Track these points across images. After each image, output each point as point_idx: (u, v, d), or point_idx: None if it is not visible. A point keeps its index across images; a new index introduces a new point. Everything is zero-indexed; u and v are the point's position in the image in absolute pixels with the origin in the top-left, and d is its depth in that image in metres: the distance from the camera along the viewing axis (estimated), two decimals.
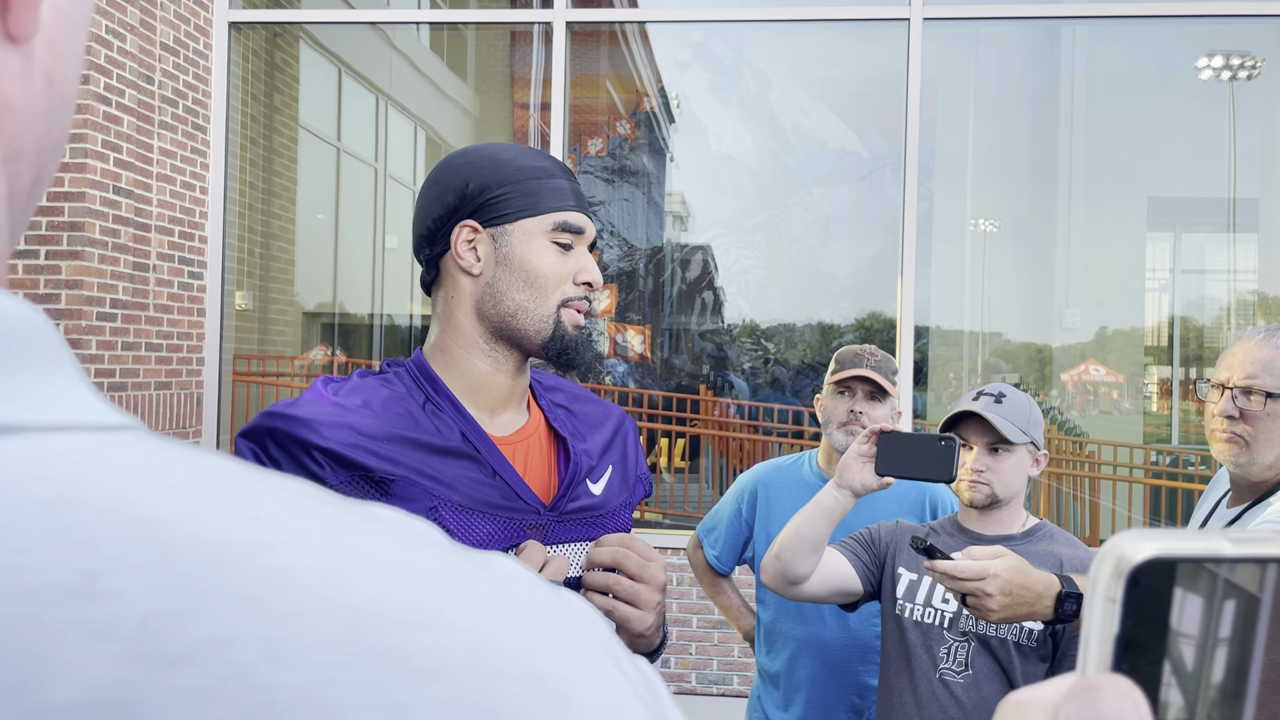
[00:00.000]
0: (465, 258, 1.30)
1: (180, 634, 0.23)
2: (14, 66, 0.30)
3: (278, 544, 0.26)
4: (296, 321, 5.89)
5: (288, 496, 0.28)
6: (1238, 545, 0.31)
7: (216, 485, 0.27)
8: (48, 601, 0.23)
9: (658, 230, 5.91)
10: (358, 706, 0.24)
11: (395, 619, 0.26)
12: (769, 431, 5.58)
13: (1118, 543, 0.31)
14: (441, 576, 0.28)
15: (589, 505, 1.33)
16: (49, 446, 0.26)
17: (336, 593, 0.25)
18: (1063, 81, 5.59)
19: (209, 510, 0.26)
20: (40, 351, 0.28)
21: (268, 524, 0.26)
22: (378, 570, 0.26)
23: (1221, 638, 0.31)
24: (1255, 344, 1.81)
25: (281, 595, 0.25)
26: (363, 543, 0.27)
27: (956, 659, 1.93)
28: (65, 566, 0.23)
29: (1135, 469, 5.54)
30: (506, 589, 0.29)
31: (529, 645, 0.27)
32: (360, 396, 1.24)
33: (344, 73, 6.08)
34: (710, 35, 5.62)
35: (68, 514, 0.24)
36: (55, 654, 0.22)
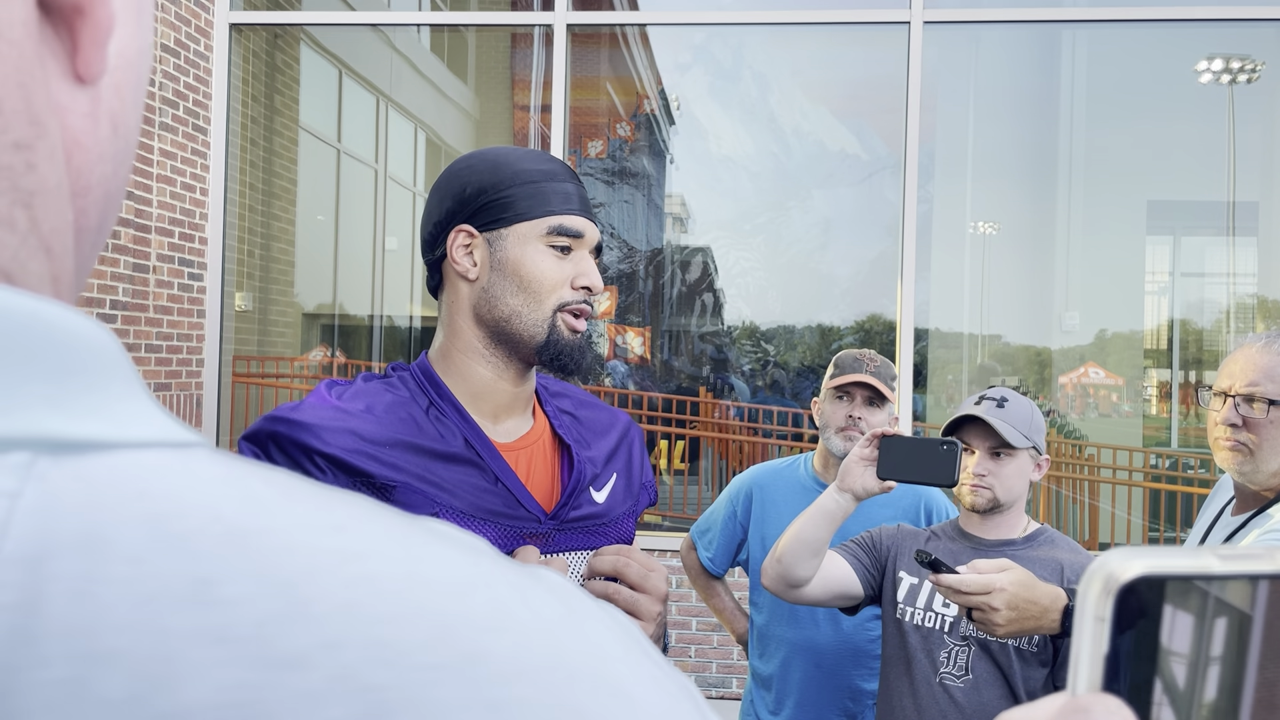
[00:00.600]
0: (461, 263, 1.29)
1: (293, 637, 0.24)
2: (82, 106, 0.31)
3: (363, 554, 0.27)
4: (296, 323, 5.89)
5: (360, 509, 0.29)
6: (1227, 562, 0.31)
7: (296, 498, 0.28)
8: (167, 608, 0.24)
9: (658, 232, 5.92)
10: (461, 706, 0.25)
11: (478, 624, 0.27)
12: (768, 434, 5.58)
13: (1106, 561, 0.31)
14: (507, 585, 0.29)
15: (591, 514, 1.32)
16: (142, 463, 0.27)
17: (424, 599, 0.27)
18: (1062, 85, 5.60)
19: (295, 522, 0.27)
20: (116, 369, 0.29)
21: (350, 534, 0.27)
22: (454, 579, 0.28)
23: (1214, 655, 0.31)
24: (1257, 351, 1.81)
25: (375, 602, 0.26)
26: (434, 554, 0.28)
27: (957, 663, 1.93)
28: (179, 575, 0.24)
29: (1135, 472, 5.54)
30: (562, 597, 0.30)
31: (593, 649, 0.29)
32: (363, 401, 1.23)
33: (344, 74, 6.08)
34: (711, 38, 5.63)
35: (173, 525, 0.25)
36: (181, 658, 0.23)
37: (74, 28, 0.31)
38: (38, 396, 0.26)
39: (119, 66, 0.33)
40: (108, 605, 0.24)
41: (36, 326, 0.26)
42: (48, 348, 0.27)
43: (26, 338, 0.26)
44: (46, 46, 0.30)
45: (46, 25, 0.30)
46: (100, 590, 0.24)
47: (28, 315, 0.26)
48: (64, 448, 0.26)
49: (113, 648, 0.23)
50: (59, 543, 0.24)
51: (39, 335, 0.26)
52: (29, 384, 0.26)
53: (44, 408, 0.26)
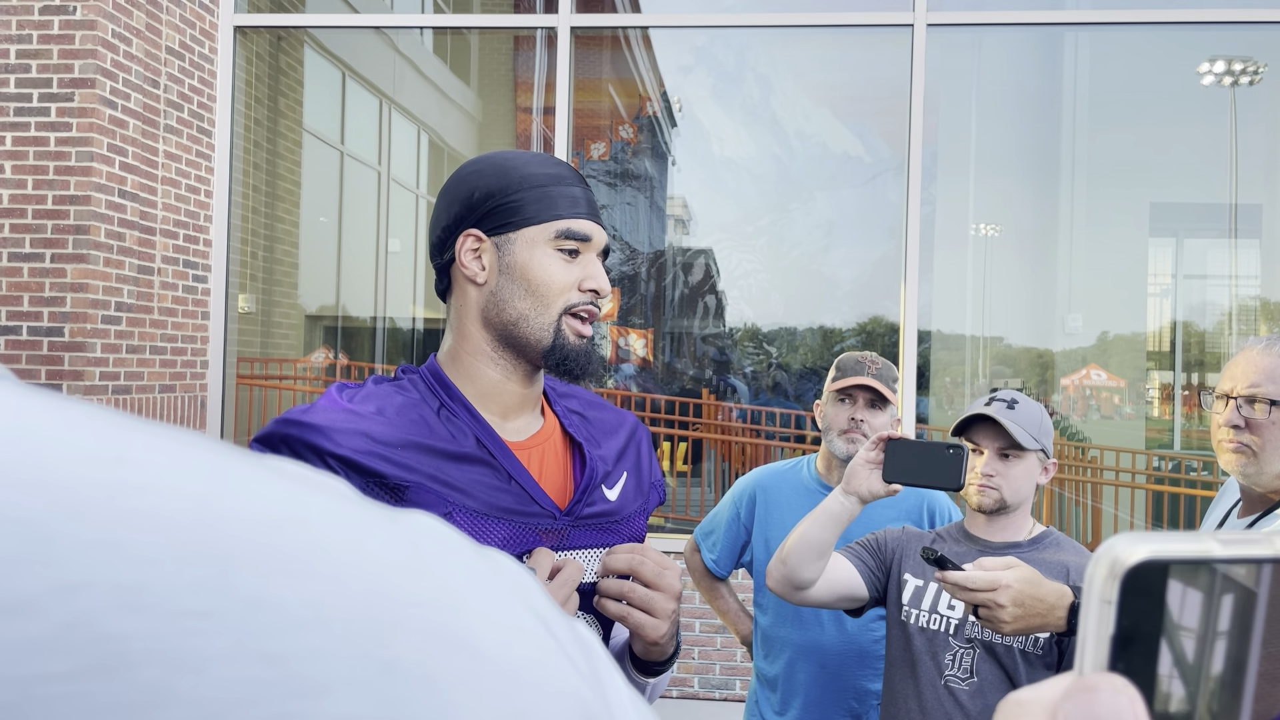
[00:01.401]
0: (470, 266, 1.30)
1: (18, 580, 0.22)
2: None
3: (144, 487, 0.24)
4: (299, 324, 5.89)
5: (167, 442, 0.26)
6: (1228, 547, 0.32)
7: (79, 429, 0.25)
8: None
9: (660, 234, 5.92)
10: (224, 658, 0.22)
11: (275, 566, 0.24)
12: (771, 435, 5.58)
13: (1112, 545, 0.32)
14: (337, 525, 0.26)
15: (605, 511, 1.33)
16: None
17: (208, 538, 0.24)
18: (1065, 87, 5.60)
19: (66, 454, 0.24)
20: None
21: (134, 467, 0.24)
22: (260, 516, 0.25)
23: (1219, 632, 0.31)
24: (1257, 353, 1.82)
25: (142, 540, 0.23)
26: (246, 488, 0.26)
27: (962, 666, 1.93)
28: None
29: (1137, 474, 5.54)
30: (413, 541, 0.27)
31: (433, 597, 0.26)
32: (375, 403, 1.24)
33: (348, 77, 6.09)
34: (713, 40, 5.63)
35: None
36: None
37: None
38: None
39: None
40: None
41: None
42: None
43: None
44: None
45: None
46: None
47: None
48: None
49: None
50: None
51: None
52: None
53: None
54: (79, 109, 4.33)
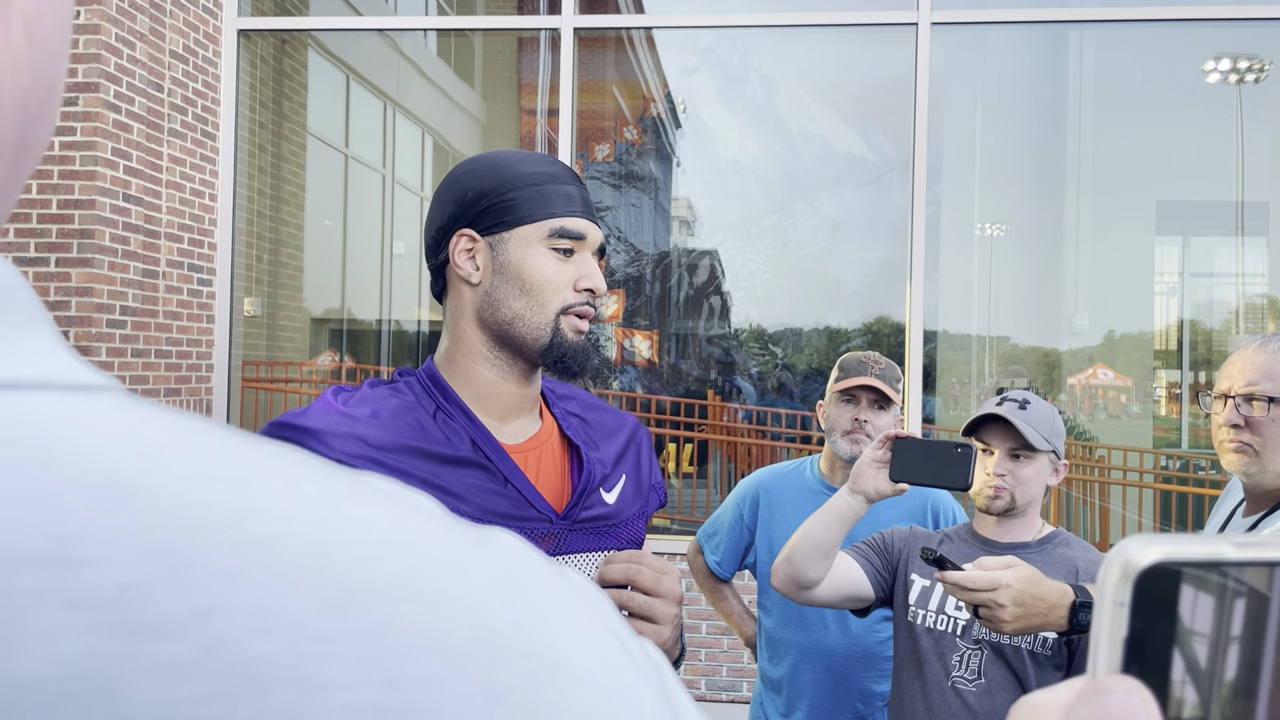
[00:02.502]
0: (464, 267, 1.29)
1: (160, 604, 0.22)
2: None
3: (263, 511, 0.24)
4: (305, 327, 5.90)
5: (276, 462, 0.26)
6: (1240, 549, 0.32)
7: (199, 448, 0.25)
8: (15, 567, 0.22)
9: (665, 235, 5.91)
10: (350, 683, 0.23)
11: (387, 592, 0.25)
12: (776, 436, 5.57)
13: (1124, 547, 0.32)
14: (436, 549, 0.27)
15: (602, 514, 1.32)
16: (20, 406, 0.24)
17: (326, 565, 0.24)
18: (1070, 85, 5.58)
19: (190, 474, 0.24)
20: (12, 305, 0.26)
21: (253, 489, 0.25)
22: (368, 542, 0.25)
23: (1232, 635, 0.32)
24: (1253, 351, 1.81)
25: (268, 565, 0.23)
26: (353, 513, 0.26)
27: (969, 667, 1.92)
28: (36, 531, 0.22)
29: (1145, 474, 5.52)
30: (505, 564, 0.28)
31: (530, 621, 0.27)
32: (369, 406, 1.23)
33: (352, 79, 6.09)
34: (717, 40, 5.63)
35: (41, 477, 0.23)
36: (24, 623, 0.21)
37: None
38: None
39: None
40: None
41: None
42: None
43: None
44: None
45: None
46: None
47: None
48: None
49: None
50: None
51: None
52: None
53: None
54: (83, 113, 4.33)
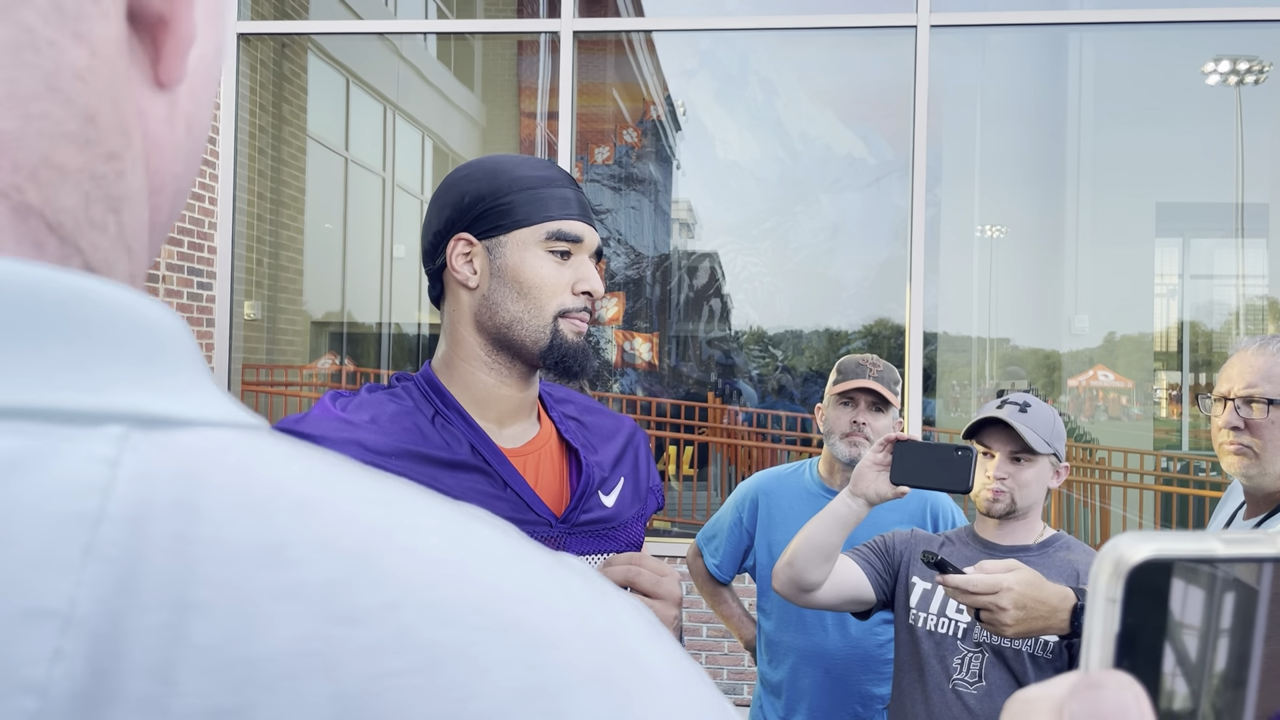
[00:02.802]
0: (461, 271, 1.29)
1: (356, 596, 0.27)
2: (161, 110, 0.34)
3: (410, 526, 0.30)
4: (305, 331, 5.90)
5: (404, 488, 0.32)
6: (1229, 546, 0.32)
7: (350, 475, 0.31)
8: (248, 567, 0.27)
9: (665, 238, 5.92)
10: (503, 663, 0.28)
11: (515, 594, 0.30)
12: (777, 439, 5.57)
13: (1116, 544, 0.33)
14: (538, 563, 0.31)
15: (601, 517, 1.32)
16: (216, 439, 0.29)
17: (468, 569, 0.29)
18: (1070, 87, 5.59)
19: (352, 495, 0.30)
20: (189, 356, 0.32)
21: (398, 509, 0.30)
22: (491, 553, 0.30)
23: (1222, 630, 0.32)
24: (1252, 354, 1.82)
25: (426, 568, 0.29)
26: (472, 530, 0.31)
27: (970, 670, 1.92)
28: (256, 539, 0.27)
29: (1145, 475, 5.52)
30: (584, 578, 0.33)
31: (617, 626, 0.31)
32: (368, 412, 1.23)
33: (352, 83, 6.09)
34: (717, 43, 5.63)
35: (248, 495, 0.28)
36: (261, 611, 0.26)
37: (158, 37, 0.33)
38: (127, 377, 0.29)
39: (196, 71, 0.35)
40: (197, 562, 0.26)
41: (126, 315, 0.29)
42: (135, 334, 0.29)
43: (118, 325, 0.29)
44: (132, 56, 0.32)
45: (133, 36, 0.32)
46: (190, 549, 0.26)
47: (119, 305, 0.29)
48: (151, 423, 0.28)
49: (203, 599, 0.26)
50: (155, 506, 0.27)
51: (128, 323, 0.29)
52: (120, 365, 0.29)
53: (133, 387, 0.29)
54: None
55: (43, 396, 0.27)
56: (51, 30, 0.29)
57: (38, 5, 0.29)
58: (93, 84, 0.30)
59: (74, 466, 0.26)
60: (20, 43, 0.28)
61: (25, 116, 0.29)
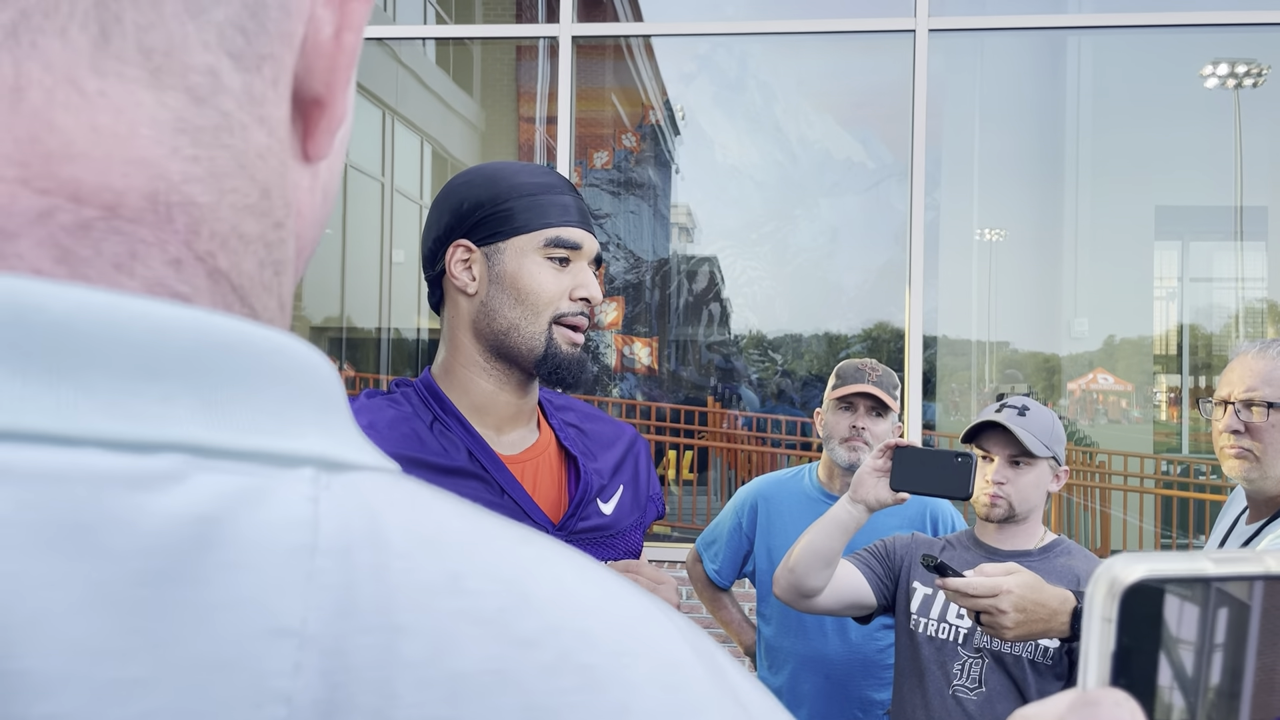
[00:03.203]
0: (460, 277, 1.29)
1: (525, 621, 0.29)
2: (306, 181, 0.37)
3: (546, 560, 0.32)
4: (304, 336, 5.89)
5: (519, 526, 0.34)
6: (1220, 565, 0.34)
7: (487, 516, 0.33)
8: (435, 594, 0.29)
9: (664, 242, 5.92)
10: (644, 685, 0.30)
11: (637, 621, 0.32)
12: (777, 443, 5.57)
13: (1110, 565, 0.34)
14: (632, 588, 0.34)
15: (599, 525, 1.32)
16: (380, 481, 0.32)
17: (599, 599, 0.32)
18: (1068, 91, 5.59)
19: (496, 533, 0.32)
20: (344, 404, 0.34)
21: (530, 545, 0.32)
22: (605, 582, 0.33)
23: (1216, 644, 0.34)
24: (1252, 357, 1.82)
25: (571, 598, 0.31)
26: (582, 562, 0.34)
27: (970, 675, 1.91)
28: (437, 569, 0.29)
29: (1146, 479, 5.52)
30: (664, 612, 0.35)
31: (701, 659, 0.33)
32: (366, 417, 1.23)
33: None
34: (715, 48, 5.63)
35: (421, 530, 0.30)
36: (453, 633, 0.28)
37: (310, 116, 0.36)
38: (311, 423, 0.32)
39: (337, 147, 0.38)
40: (396, 589, 0.29)
41: (308, 368, 0.32)
42: (315, 385, 0.32)
43: (305, 377, 0.32)
44: (292, 134, 0.35)
45: (293, 114, 0.35)
46: (389, 578, 0.29)
47: (303, 359, 0.32)
48: (333, 466, 0.31)
49: (406, 622, 0.28)
50: (355, 539, 0.29)
51: (310, 375, 0.32)
52: (305, 412, 0.32)
53: (316, 432, 0.31)
54: None
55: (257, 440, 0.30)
56: (244, 114, 0.32)
57: (233, 91, 0.32)
58: (270, 161, 0.34)
59: (288, 503, 0.29)
60: (219, 126, 0.32)
61: (220, 191, 0.32)
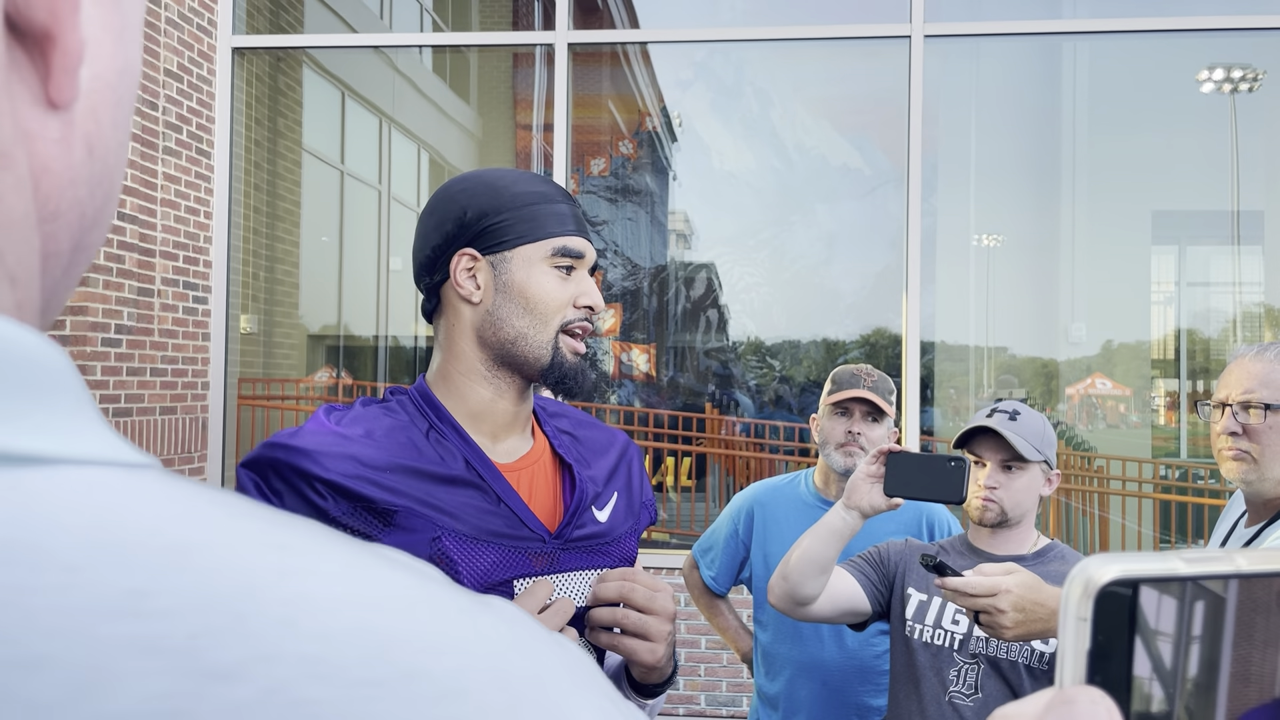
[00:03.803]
0: (465, 286, 1.29)
1: (226, 650, 0.25)
2: (53, 131, 0.32)
3: (305, 571, 0.28)
4: (301, 344, 5.89)
5: (308, 531, 0.30)
6: (1192, 565, 0.34)
7: (242, 516, 0.29)
8: (100, 617, 0.24)
9: (661, 249, 5.92)
10: None
11: (420, 643, 0.27)
12: (775, 449, 5.57)
13: (1085, 566, 0.34)
14: (453, 607, 0.29)
15: (595, 532, 1.32)
16: (84, 478, 0.27)
17: (362, 617, 0.27)
18: (1064, 96, 5.60)
19: (238, 539, 0.28)
20: (66, 388, 0.29)
21: (294, 553, 0.28)
22: (396, 598, 0.28)
23: (1193, 638, 0.34)
24: (1249, 360, 1.83)
25: (312, 618, 0.26)
26: (377, 575, 0.29)
27: (966, 681, 1.91)
28: (113, 585, 0.25)
29: (1144, 483, 5.51)
30: (511, 624, 0.31)
31: (542, 674, 0.29)
32: (362, 426, 1.23)
33: (347, 96, 6.10)
34: (712, 54, 5.64)
35: (110, 537, 0.26)
36: (111, 666, 0.24)
37: (46, 54, 0.31)
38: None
39: (95, 90, 0.33)
40: (37, 612, 0.24)
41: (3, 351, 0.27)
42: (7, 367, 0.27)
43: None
44: (16, 74, 0.30)
45: (17, 50, 0.30)
46: (29, 599, 0.24)
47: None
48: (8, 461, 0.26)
49: (41, 654, 0.24)
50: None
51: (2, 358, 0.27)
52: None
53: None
54: None
55: None
56: None
57: None
58: None
59: None
60: None
61: None
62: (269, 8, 5.55)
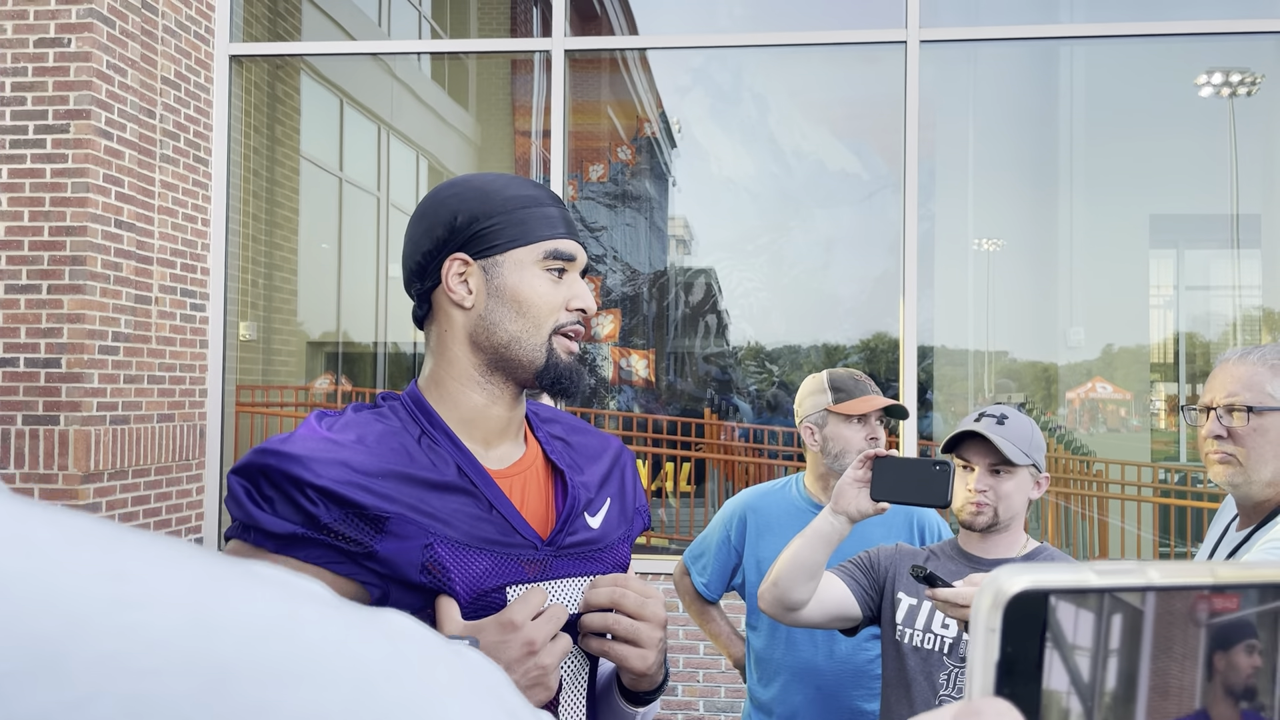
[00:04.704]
0: (456, 291, 1.29)
1: (33, 696, 0.22)
2: None
3: (140, 602, 0.25)
4: (300, 351, 5.89)
5: (158, 554, 0.27)
6: (1103, 577, 0.34)
7: (80, 543, 0.26)
8: None
9: (660, 254, 5.92)
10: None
11: (269, 673, 0.25)
12: (774, 455, 5.56)
13: (995, 577, 0.34)
14: (320, 631, 0.27)
15: (587, 539, 1.31)
16: None
17: (203, 648, 0.25)
18: (1061, 101, 5.60)
19: (69, 568, 0.25)
20: None
21: (131, 582, 0.25)
22: (250, 625, 0.26)
23: (1111, 649, 0.34)
24: (1233, 364, 1.85)
25: (141, 654, 0.24)
26: (235, 598, 0.27)
27: (956, 685, 1.91)
28: None
29: (1144, 487, 5.50)
30: (393, 643, 0.28)
31: (414, 699, 0.27)
32: (354, 432, 1.22)
33: (345, 103, 6.11)
34: (709, 60, 5.64)
35: None
36: None
37: None
38: None
39: None
40: None
41: None
42: None
43: None
44: None
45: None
46: None
47: None
48: None
49: None
50: None
51: None
52: None
53: None
54: (75, 140, 4.35)
55: None
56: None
57: None
58: None
59: None
60: None
61: None
62: (267, 15, 5.57)
